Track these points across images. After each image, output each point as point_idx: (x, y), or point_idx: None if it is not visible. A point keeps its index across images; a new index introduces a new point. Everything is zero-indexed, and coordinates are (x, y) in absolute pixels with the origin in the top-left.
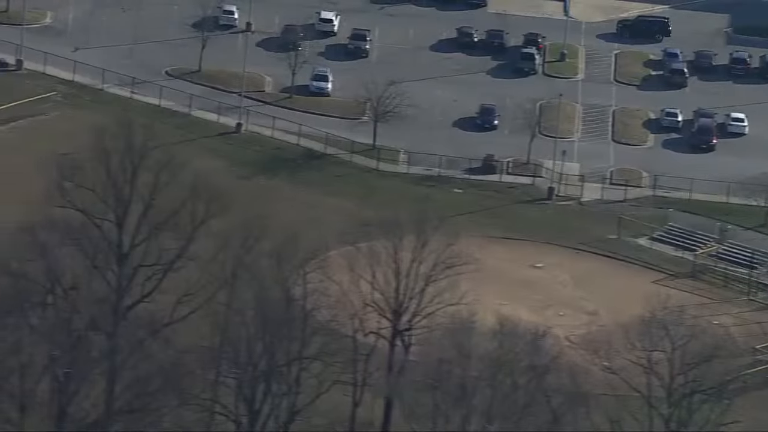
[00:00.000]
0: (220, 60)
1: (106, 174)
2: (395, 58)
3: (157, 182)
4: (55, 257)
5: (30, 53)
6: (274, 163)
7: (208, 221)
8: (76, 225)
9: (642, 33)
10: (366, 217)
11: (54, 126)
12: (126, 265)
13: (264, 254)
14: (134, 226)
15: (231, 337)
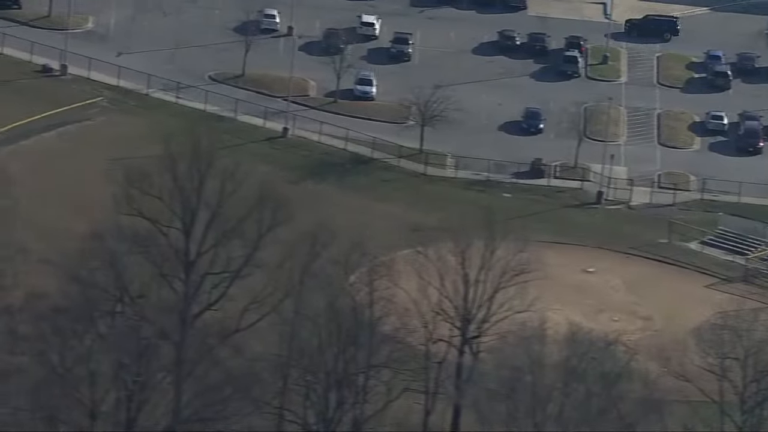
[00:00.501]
0: (262, 64)
1: (173, 181)
2: (438, 62)
3: (223, 190)
4: (123, 265)
5: (74, 58)
6: (322, 168)
7: (274, 229)
8: (143, 233)
9: (650, 32)
10: (416, 222)
11: (101, 131)
12: (193, 273)
13: (329, 261)
14: (201, 233)
15: (300, 345)
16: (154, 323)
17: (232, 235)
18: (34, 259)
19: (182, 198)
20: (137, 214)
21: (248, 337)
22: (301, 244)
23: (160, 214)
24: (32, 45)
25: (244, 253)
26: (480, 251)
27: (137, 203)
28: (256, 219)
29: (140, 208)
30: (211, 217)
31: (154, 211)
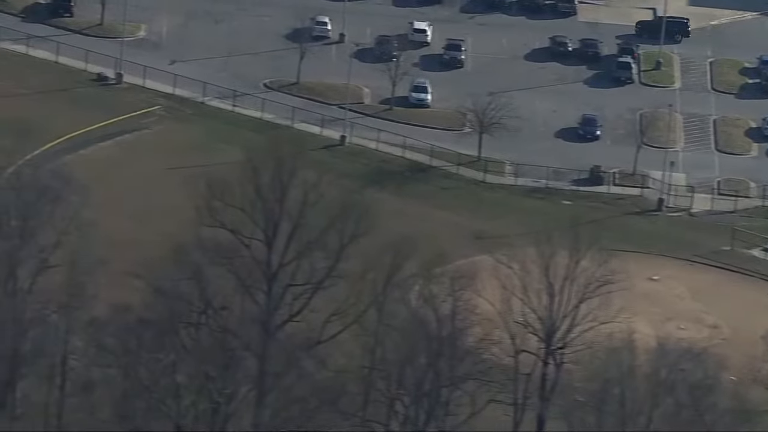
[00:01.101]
0: (314, 71)
1: (256, 192)
2: (490, 68)
3: (306, 200)
4: (207, 277)
5: (129, 66)
6: (381, 175)
7: (356, 239)
8: (225, 244)
9: (655, 33)
10: (479, 230)
11: (160, 140)
12: (275, 284)
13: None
14: (283, 245)
15: (384, 356)
16: (238, 335)
17: (314, 246)
18: (115, 271)
19: (265, 209)
20: (219, 225)
21: (332, 349)
22: (383, 254)
23: (242, 225)
24: (87, 53)
25: (325, 264)
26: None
27: (219, 215)
28: (338, 229)
29: (222, 220)
30: (293, 228)
31: (236, 223)
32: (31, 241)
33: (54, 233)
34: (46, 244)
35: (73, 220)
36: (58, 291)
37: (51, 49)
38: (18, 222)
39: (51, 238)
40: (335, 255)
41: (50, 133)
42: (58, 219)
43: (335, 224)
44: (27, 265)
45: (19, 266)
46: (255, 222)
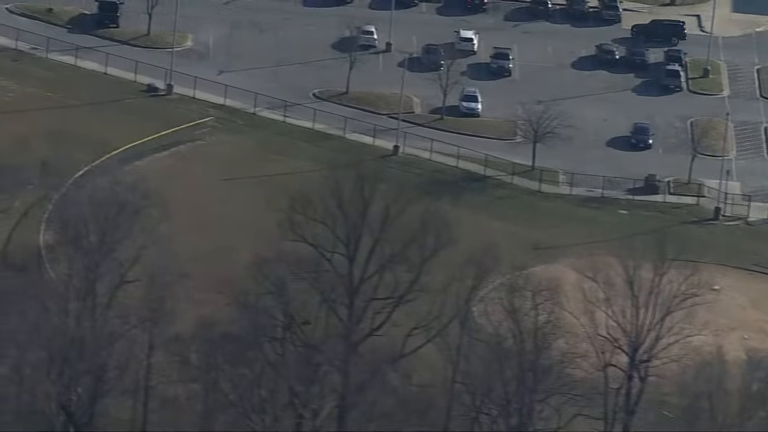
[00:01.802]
0: (362, 81)
1: (338, 207)
2: (538, 77)
3: (387, 215)
4: (290, 292)
5: (177, 77)
6: (436, 186)
7: (438, 253)
8: (307, 258)
9: (657, 36)
10: (536, 240)
11: (213, 151)
12: (357, 298)
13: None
14: (364, 259)
15: (468, 371)
16: (320, 350)
17: (396, 259)
18: (196, 285)
19: (347, 223)
20: (301, 239)
21: (416, 363)
22: (465, 266)
23: (324, 239)
24: (136, 64)
25: (407, 278)
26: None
27: (301, 229)
28: (419, 243)
29: (304, 234)
30: (374, 242)
31: (317, 237)
32: (110, 255)
33: (133, 247)
34: (124, 259)
35: (152, 234)
36: (138, 306)
37: (99, 60)
38: (97, 236)
39: (130, 253)
40: (417, 268)
41: (104, 145)
42: (137, 233)
43: (417, 238)
44: (106, 279)
45: (98, 281)
46: (337, 236)
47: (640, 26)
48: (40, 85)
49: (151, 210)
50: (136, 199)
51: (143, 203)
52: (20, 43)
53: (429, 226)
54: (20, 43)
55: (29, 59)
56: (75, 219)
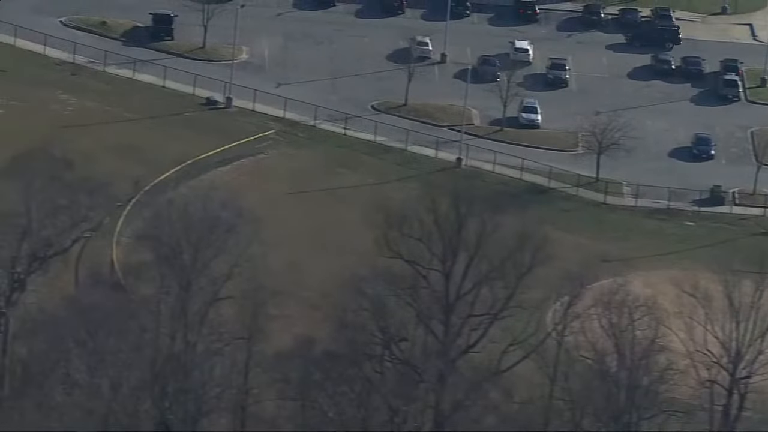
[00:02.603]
0: (419, 92)
1: (435, 224)
2: (595, 88)
3: (483, 231)
4: (388, 309)
5: (235, 90)
6: (500, 198)
7: (533, 269)
8: (402, 275)
9: (652, 41)
10: (604, 253)
11: (277, 165)
12: (453, 315)
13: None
14: (460, 275)
15: (569, 387)
16: (418, 367)
17: (492, 276)
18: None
19: (443, 240)
20: (397, 256)
21: (515, 379)
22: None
23: (419, 256)
24: (195, 77)
25: (502, 294)
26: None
27: (397, 245)
28: (515, 260)
29: (400, 250)
30: (470, 258)
31: (412, 253)
32: (203, 273)
33: (226, 264)
34: (218, 276)
35: (245, 251)
36: (232, 323)
37: (157, 73)
38: (189, 254)
39: (223, 270)
40: (513, 285)
41: (166, 159)
42: (230, 250)
43: (513, 255)
44: (199, 296)
45: (192, 298)
46: (433, 252)
47: (635, 31)
48: (99, 98)
49: (243, 227)
50: (228, 216)
51: (236, 220)
52: (77, 56)
53: (525, 242)
54: (77, 56)
55: (87, 73)
56: (167, 237)
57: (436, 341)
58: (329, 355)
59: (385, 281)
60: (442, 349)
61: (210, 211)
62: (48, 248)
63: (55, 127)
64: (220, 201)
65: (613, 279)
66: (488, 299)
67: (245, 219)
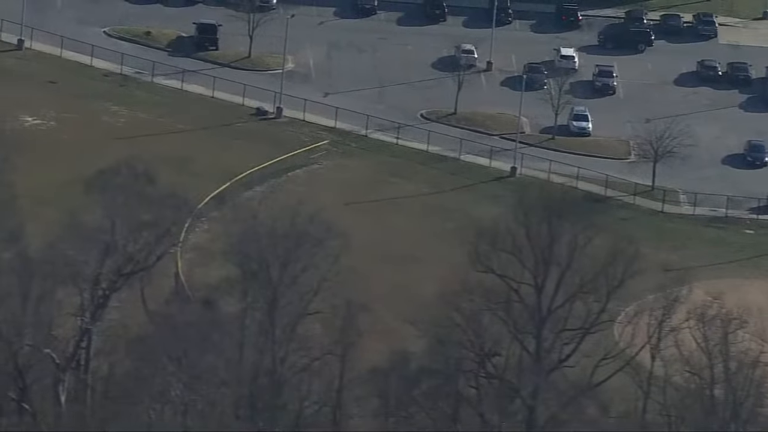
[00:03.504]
0: (466, 101)
1: (526, 237)
2: (642, 94)
3: (575, 245)
4: (483, 324)
5: (284, 99)
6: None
7: (626, 282)
8: (493, 289)
9: (624, 42)
10: (665, 262)
11: (331, 175)
12: (545, 329)
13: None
14: (553, 289)
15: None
16: (510, 382)
17: (584, 289)
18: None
19: (535, 254)
20: (489, 270)
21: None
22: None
23: (510, 269)
24: (244, 88)
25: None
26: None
27: (489, 260)
28: (607, 273)
29: (491, 265)
30: (562, 272)
31: (503, 267)
32: (291, 287)
33: (314, 279)
34: (306, 290)
35: (333, 265)
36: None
37: (204, 83)
38: (278, 268)
39: (312, 284)
40: (604, 298)
41: (221, 170)
42: (319, 264)
43: (604, 268)
44: (287, 311)
45: (280, 313)
46: (525, 266)
47: (607, 33)
48: (149, 109)
49: (331, 241)
50: (316, 231)
51: (324, 235)
52: (124, 67)
53: (617, 255)
54: (124, 67)
55: (135, 84)
56: (254, 251)
57: (530, 356)
58: (424, 370)
59: (479, 296)
60: (534, 364)
61: (298, 226)
62: (132, 264)
63: (109, 139)
64: (308, 215)
65: (680, 288)
66: (581, 312)
67: (333, 233)
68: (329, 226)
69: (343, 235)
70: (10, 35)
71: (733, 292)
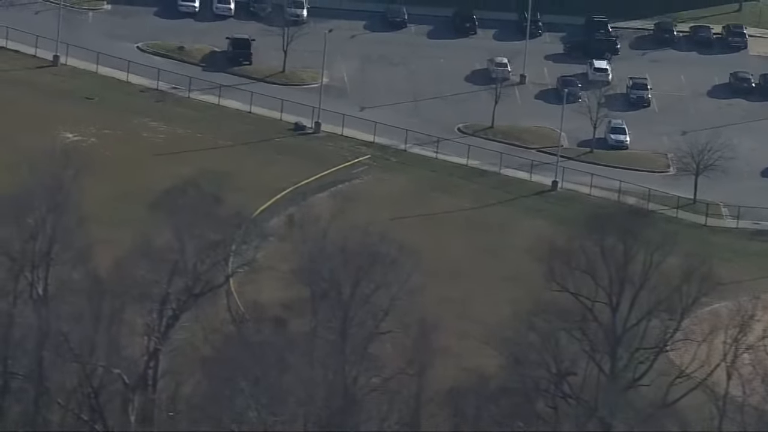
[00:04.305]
0: (502, 114)
1: (601, 256)
2: (677, 106)
3: (650, 263)
4: (559, 343)
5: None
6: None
7: (699, 300)
8: (568, 308)
9: (590, 51)
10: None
11: (374, 190)
12: (620, 347)
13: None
14: (627, 307)
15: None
16: (586, 401)
17: (659, 308)
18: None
19: (609, 273)
20: (563, 289)
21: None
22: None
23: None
24: (282, 103)
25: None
26: None
27: (564, 279)
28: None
29: (565, 284)
30: (636, 290)
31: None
32: (362, 307)
33: (386, 298)
34: (378, 309)
35: (404, 284)
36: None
37: (240, 98)
38: (349, 287)
39: (383, 303)
40: (679, 317)
41: (265, 186)
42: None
43: (680, 287)
44: (360, 330)
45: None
46: (599, 285)
47: (574, 42)
48: (188, 125)
49: (403, 260)
50: (388, 250)
51: (396, 254)
52: (160, 82)
53: (691, 273)
54: (160, 82)
55: (172, 99)
56: (326, 271)
57: (604, 375)
58: (502, 390)
59: (552, 314)
60: (609, 383)
61: (370, 245)
62: (201, 284)
63: (151, 155)
64: (379, 235)
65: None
66: (655, 331)
67: (405, 252)
68: (401, 245)
69: (414, 254)
70: (45, 51)
71: None
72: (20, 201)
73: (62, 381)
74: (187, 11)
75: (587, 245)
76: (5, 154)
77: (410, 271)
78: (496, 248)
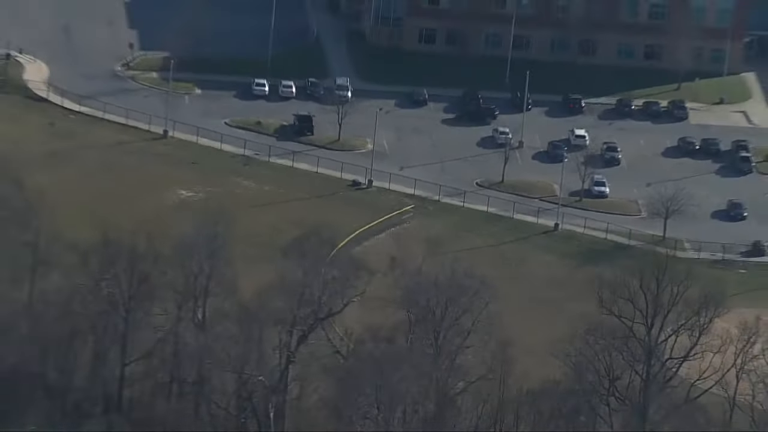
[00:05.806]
0: (506, 171)
1: (639, 287)
2: (641, 164)
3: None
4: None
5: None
6: (593, 255)
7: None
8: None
9: (476, 117)
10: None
11: (419, 232)
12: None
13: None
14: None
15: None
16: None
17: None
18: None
19: (646, 300)
20: (610, 313)
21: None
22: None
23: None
24: (342, 165)
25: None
26: None
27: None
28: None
29: (612, 309)
30: (666, 313)
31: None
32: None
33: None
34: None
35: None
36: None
37: (308, 161)
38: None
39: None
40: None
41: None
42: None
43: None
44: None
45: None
46: (638, 310)
47: (462, 110)
48: (270, 182)
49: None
50: (471, 282)
51: (478, 286)
52: (246, 150)
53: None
54: (246, 150)
55: (256, 163)
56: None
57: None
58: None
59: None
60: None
61: (457, 279)
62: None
63: (247, 207)
64: (464, 270)
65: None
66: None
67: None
68: (483, 280)
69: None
70: (156, 126)
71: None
72: (182, 248)
73: (219, 385)
74: (259, 94)
75: (628, 280)
76: (134, 208)
77: (488, 299)
78: (520, 277)
